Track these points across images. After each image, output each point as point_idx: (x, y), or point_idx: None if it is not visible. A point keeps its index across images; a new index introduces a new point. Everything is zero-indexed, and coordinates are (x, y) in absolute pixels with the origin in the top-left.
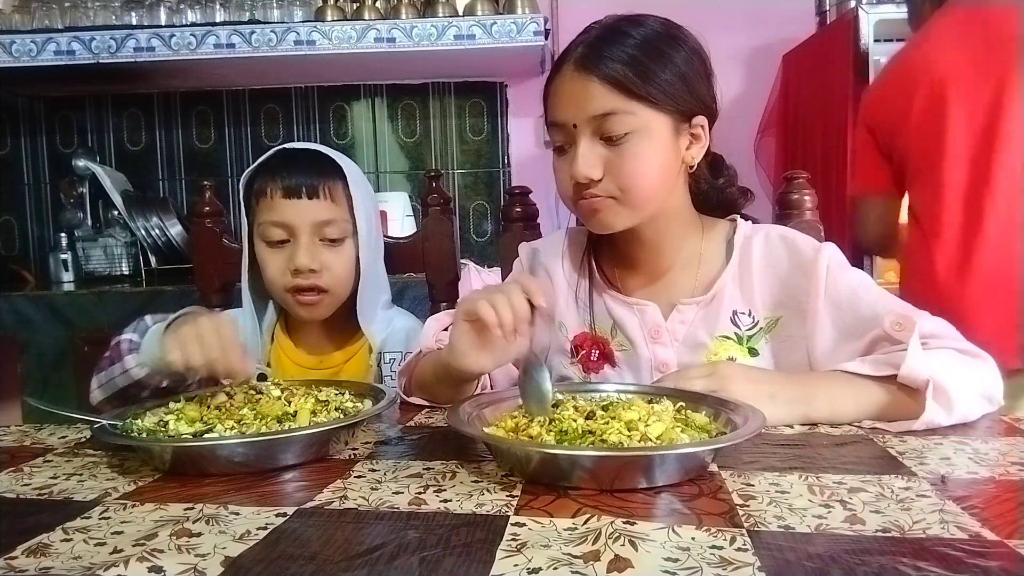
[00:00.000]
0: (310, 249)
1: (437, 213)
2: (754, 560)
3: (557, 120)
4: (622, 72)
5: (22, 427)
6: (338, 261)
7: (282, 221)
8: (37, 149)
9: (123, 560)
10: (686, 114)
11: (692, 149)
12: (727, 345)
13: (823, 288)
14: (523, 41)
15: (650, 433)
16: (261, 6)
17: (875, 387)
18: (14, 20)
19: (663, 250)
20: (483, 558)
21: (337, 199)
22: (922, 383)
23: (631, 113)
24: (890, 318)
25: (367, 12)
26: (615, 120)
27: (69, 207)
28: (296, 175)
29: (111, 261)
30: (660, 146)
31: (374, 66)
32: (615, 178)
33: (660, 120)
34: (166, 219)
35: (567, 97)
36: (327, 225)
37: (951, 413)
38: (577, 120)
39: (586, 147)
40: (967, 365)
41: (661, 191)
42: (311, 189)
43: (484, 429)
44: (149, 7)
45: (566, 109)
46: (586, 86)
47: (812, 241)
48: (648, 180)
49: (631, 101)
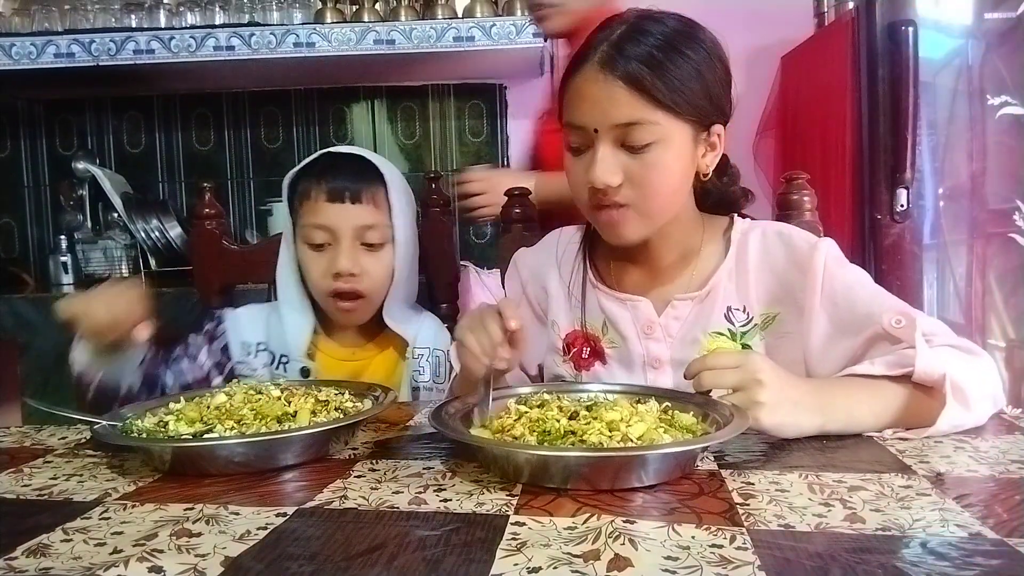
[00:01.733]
0: (351, 253)
1: (437, 214)
2: (754, 559)
3: (577, 122)
4: (649, 79)
5: (22, 428)
6: (377, 266)
7: (325, 224)
8: (37, 151)
9: (123, 560)
10: (705, 124)
11: (707, 157)
12: (720, 341)
13: (820, 284)
14: (522, 43)
15: (631, 434)
16: (260, 8)
17: (890, 388)
18: (14, 23)
19: (664, 249)
20: (483, 557)
21: (379, 204)
22: (939, 379)
23: (655, 123)
24: (889, 315)
25: (366, 14)
26: (639, 130)
27: (69, 209)
28: (340, 179)
29: (111, 263)
30: (680, 156)
31: (373, 68)
32: (634, 187)
33: (681, 130)
34: (166, 221)
35: (590, 100)
36: (368, 230)
37: (969, 411)
38: (599, 126)
39: (606, 153)
40: (972, 363)
41: (677, 201)
42: (354, 194)
43: (470, 431)
44: (149, 10)
45: (588, 112)
46: (611, 91)
47: (809, 237)
48: (666, 190)
49: (656, 110)
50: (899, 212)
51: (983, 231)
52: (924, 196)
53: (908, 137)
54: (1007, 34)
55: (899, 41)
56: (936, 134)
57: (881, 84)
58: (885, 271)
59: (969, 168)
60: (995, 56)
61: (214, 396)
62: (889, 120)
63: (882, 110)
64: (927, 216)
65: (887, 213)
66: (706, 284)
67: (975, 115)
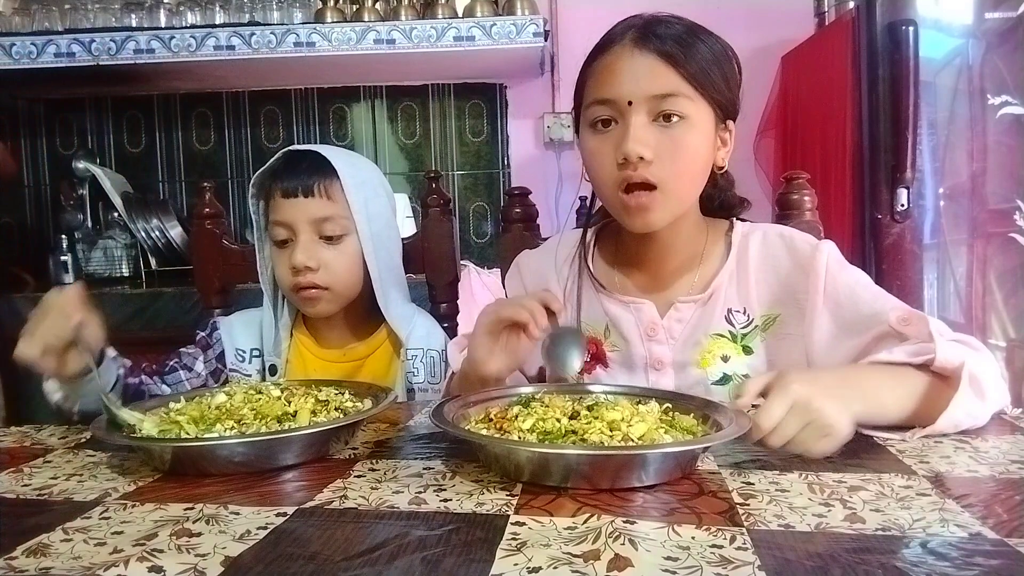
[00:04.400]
0: (308, 247)
1: (437, 214)
2: (754, 559)
3: (609, 96)
4: (681, 56)
5: (22, 428)
6: (338, 259)
7: (282, 220)
8: (37, 151)
9: (123, 560)
10: (723, 115)
11: (721, 151)
12: (721, 343)
13: (822, 285)
14: (522, 42)
15: (632, 433)
16: (261, 8)
17: (913, 374)
18: (14, 22)
19: (672, 251)
20: (483, 557)
21: (334, 196)
22: (957, 367)
23: (688, 98)
24: (895, 314)
25: (367, 14)
26: (675, 101)
27: (69, 209)
28: (295, 176)
29: (111, 263)
30: (705, 138)
31: (374, 68)
32: (663, 164)
33: (707, 113)
34: (166, 221)
35: (624, 73)
36: (325, 222)
37: (983, 401)
38: (634, 97)
39: (640, 124)
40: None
41: (697, 187)
42: (307, 188)
43: (466, 427)
44: (149, 9)
45: (623, 85)
46: (649, 63)
47: (810, 238)
48: (692, 171)
49: (689, 85)
50: (899, 212)
51: (983, 231)
52: (924, 196)
53: (908, 137)
54: (1007, 34)
55: (899, 41)
56: (936, 134)
57: (881, 84)
58: (885, 271)
59: (969, 168)
60: (995, 56)
61: (214, 396)
62: (889, 120)
63: (882, 110)
64: (927, 216)
65: (887, 213)
66: (708, 287)
67: (975, 115)
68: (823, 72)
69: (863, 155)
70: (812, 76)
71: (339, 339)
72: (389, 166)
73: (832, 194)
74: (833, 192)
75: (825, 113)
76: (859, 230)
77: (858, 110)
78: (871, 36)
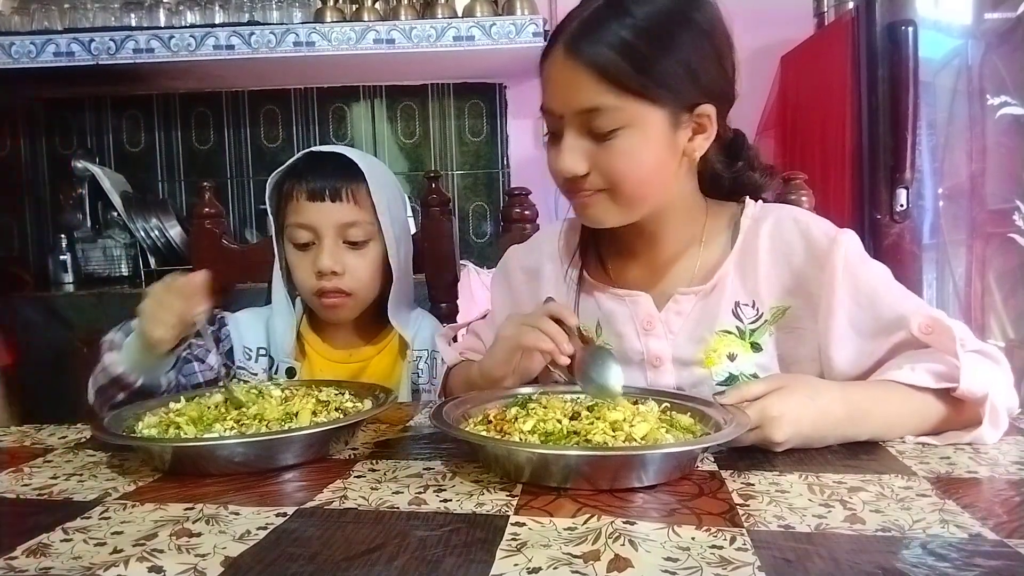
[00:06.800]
0: (333, 251)
1: (436, 214)
2: (754, 560)
3: (547, 107)
4: (613, 62)
5: (22, 427)
6: (362, 264)
7: (307, 223)
8: (36, 150)
9: (123, 560)
10: (688, 105)
11: (695, 140)
12: (728, 340)
13: (839, 281)
14: (522, 42)
15: (635, 433)
16: (260, 7)
17: (931, 403)
18: (13, 21)
19: (663, 240)
20: (483, 558)
21: (361, 201)
22: (980, 398)
23: (620, 108)
24: (917, 320)
25: (366, 13)
26: (601, 116)
27: (68, 208)
28: (320, 178)
29: (110, 262)
30: (653, 141)
31: (373, 67)
32: (602, 175)
33: (655, 114)
34: (165, 220)
35: (554, 84)
36: (350, 227)
37: (997, 430)
38: (565, 111)
39: (571, 140)
40: (999, 377)
41: (656, 188)
42: (334, 192)
43: (466, 428)
44: (148, 8)
45: (553, 98)
46: (573, 76)
47: (828, 227)
48: (638, 176)
49: (621, 95)
50: (899, 212)
51: (983, 231)
52: (924, 196)
53: (908, 137)
54: (1007, 34)
55: (899, 41)
56: (936, 134)
57: (881, 84)
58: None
59: (969, 168)
60: (995, 56)
61: (213, 396)
62: (889, 120)
63: (882, 110)
64: (927, 216)
65: (887, 213)
66: (711, 277)
67: (975, 115)
68: (822, 72)
69: (862, 155)
70: (811, 76)
71: (346, 340)
72: (389, 166)
73: (831, 194)
74: (832, 192)
75: (824, 113)
76: (858, 230)
77: (857, 110)
78: (870, 36)
